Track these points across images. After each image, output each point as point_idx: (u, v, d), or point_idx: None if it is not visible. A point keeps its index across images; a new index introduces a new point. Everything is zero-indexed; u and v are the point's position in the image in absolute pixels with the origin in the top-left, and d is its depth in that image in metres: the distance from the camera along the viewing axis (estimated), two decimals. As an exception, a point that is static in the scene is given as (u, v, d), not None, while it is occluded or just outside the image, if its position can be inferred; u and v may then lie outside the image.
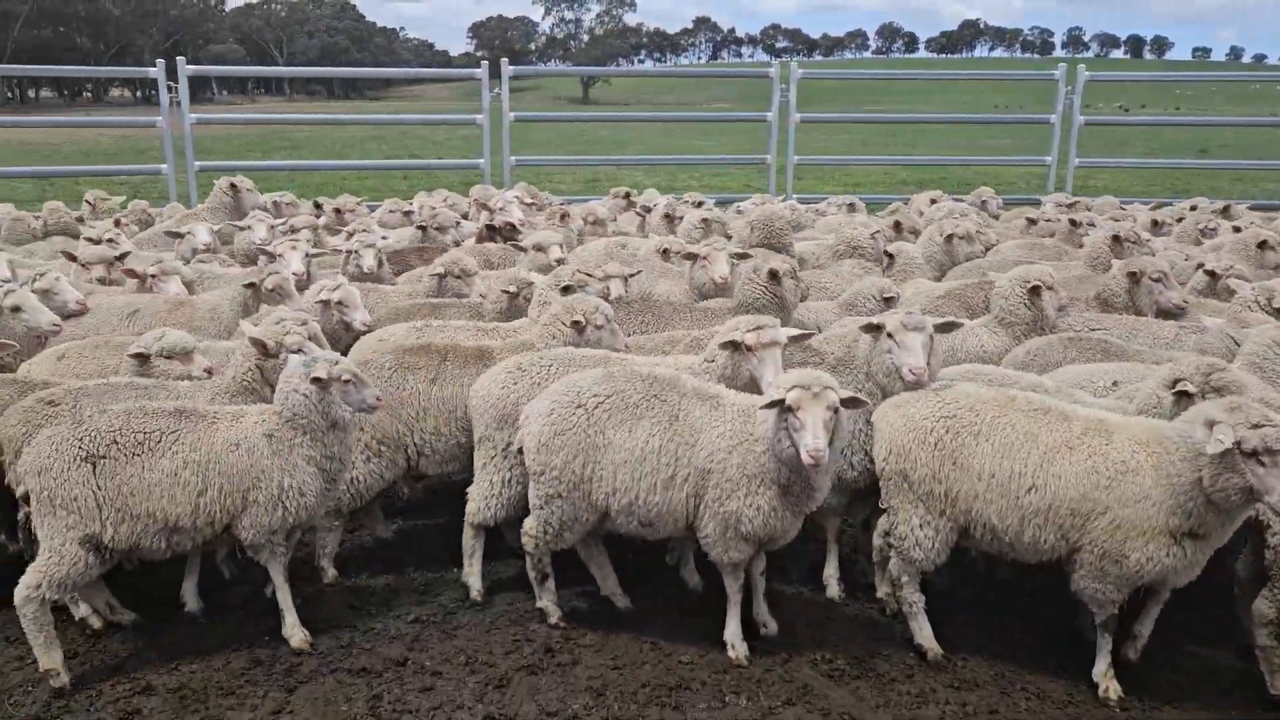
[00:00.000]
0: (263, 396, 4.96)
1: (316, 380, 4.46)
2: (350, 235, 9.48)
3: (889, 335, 4.86)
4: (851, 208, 12.26)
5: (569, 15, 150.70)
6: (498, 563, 5.52)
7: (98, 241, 9.04)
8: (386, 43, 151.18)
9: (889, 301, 6.83)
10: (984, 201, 12.65)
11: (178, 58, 13.79)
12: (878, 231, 8.93)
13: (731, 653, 4.56)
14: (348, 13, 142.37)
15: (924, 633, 4.66)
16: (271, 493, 4.47)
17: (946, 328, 4.96)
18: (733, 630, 4.61)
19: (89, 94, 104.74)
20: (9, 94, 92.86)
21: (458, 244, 9.66)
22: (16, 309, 6.01)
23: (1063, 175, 16.46)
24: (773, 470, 4.28)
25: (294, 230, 9.47)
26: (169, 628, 4.83)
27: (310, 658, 4.57)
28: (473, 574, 5.15)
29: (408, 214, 11.34)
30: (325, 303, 6.33)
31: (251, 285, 6.82)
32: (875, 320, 5.00)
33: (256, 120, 35.28)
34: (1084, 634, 4.62)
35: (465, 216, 11.15)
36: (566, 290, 6.26)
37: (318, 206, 11.62)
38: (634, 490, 4.47)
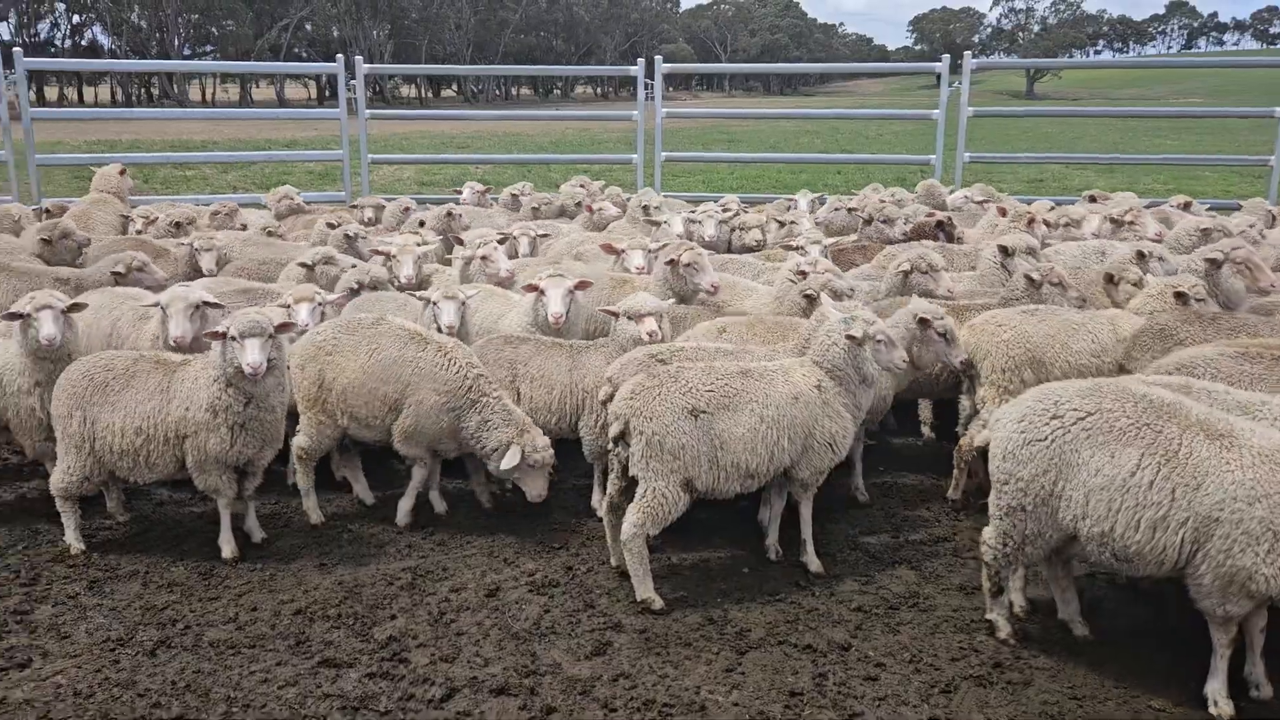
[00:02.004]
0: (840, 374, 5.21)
1: (851, 338, 5.08)
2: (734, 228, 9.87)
3: None
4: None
5: (1019, 5, 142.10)
6: (938, 562, 5.44)
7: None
8: (825, 38, 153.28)
9: None
10: None
11: (655, 57, 14.99)
12: None
13: (1213, 709, 4.07)
14: (791, 10, 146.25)
15: None
16: (824, 438, 5.14)
17: None
18: (1217, 685, 4.11)
19: (558, 91, 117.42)
20: (496, 90, 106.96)
21: (906, 237, 9.55)
22: (543, 293, 6.45)
23: None
24: None
25: (745, 229, 10.00)
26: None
27: (758, 627, 4.78)
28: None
29: (851, 210, 11.23)
30: (673, 263, 6.91)
31: (672, 262, 7.18)
32: None
33: (719, 115, 38.02)
34: None
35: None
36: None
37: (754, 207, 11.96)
38: (1109, 521, 4.09)
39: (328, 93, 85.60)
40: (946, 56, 14.45)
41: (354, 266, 7.59)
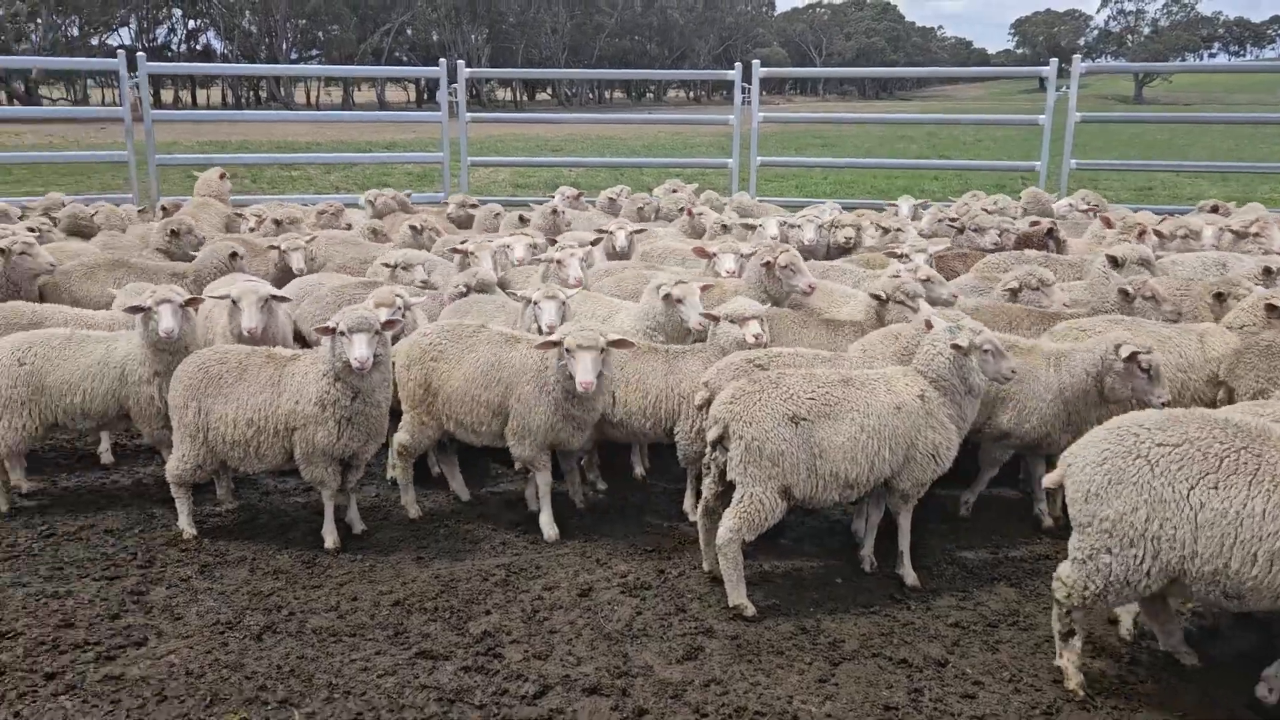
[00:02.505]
0: (945, 384, 5.10)
1: (957, 347, 4.96)
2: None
3: None
4: None
5: (1129, 6, 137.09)
6: (1039, 580, 5.30)
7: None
8: (923, 42, 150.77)
9: None
10: None
11: (752, 61, 14.93)
12: None
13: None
14: (888, 13, 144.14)
15: None
16: (927, 449, 5.04)
17: None
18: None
19: (651, 95, 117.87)
20: (590, 94, 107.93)
21: (998, 247, 9.29)
22: (680, 300, 6.38)
23: None
24: None
25: (838, 227, 9.85)
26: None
27: (852, 638, 4.72)
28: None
29: (943, 221, 10.74)
30: (769, 265, 6.93)
31: (768, 264, 7.10)
32: None
33: (816, 119, 38.19)
34: None
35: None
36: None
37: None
38: (1221, 558, 3.84)
39: (425, 96, 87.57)
40: (1054, 60, 14.02)
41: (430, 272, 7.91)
